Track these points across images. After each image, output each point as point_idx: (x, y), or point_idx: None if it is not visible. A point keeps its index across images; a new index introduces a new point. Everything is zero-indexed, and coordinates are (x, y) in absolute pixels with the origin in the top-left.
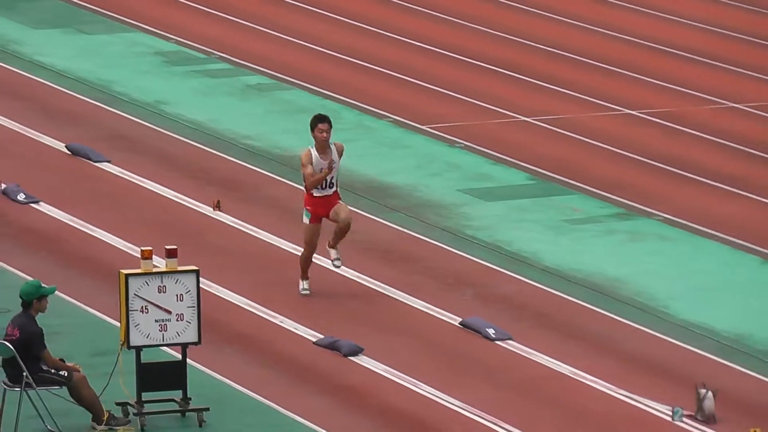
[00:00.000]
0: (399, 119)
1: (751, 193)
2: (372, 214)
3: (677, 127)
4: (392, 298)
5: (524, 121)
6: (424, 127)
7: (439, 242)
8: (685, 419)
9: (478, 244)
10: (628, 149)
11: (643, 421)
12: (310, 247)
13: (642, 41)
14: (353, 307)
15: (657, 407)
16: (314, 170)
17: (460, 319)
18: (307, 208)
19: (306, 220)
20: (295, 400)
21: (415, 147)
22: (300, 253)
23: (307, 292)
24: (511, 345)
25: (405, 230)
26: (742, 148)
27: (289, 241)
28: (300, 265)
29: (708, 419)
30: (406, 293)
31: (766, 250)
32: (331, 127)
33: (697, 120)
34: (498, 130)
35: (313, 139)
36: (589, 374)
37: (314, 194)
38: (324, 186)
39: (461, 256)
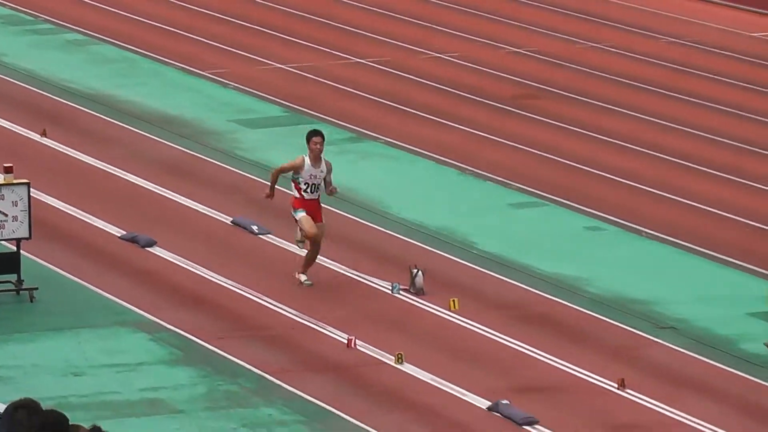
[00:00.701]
0: (185, 67)
1: (452, 122)
2: (163, 140)
3: (397, 72)
4: (179, 202)
5: (280, 68)
6: (204, 73)
7: (216, 160)
8: (402, 292)
9: (246, 162)
10: (358, 89)
11: (370, 294)
12: (313, 233)
13: (373, 8)
14: (148, 209)
15: (380, 283)
16: (305, 176)
17: (232, 218)
18: (297, 208)
19: (301, 214)
20: (103, 280)
21: (197, 88)
22: (305, 253)
23: (310, 283)
24: (271, 237)
25: (190, 151)
26: (447, 88)
27: (100, 160)
28: (305, 261)
29: (418, 292)
30: (190, 199)
31: (463, 165)
32: (324, 140)
33: (413, 67)
34: (260, 74)
35: (308, 150)
36: (329, 259)
37: (304, 197)
38: (312, 191)
39: (232, 170)
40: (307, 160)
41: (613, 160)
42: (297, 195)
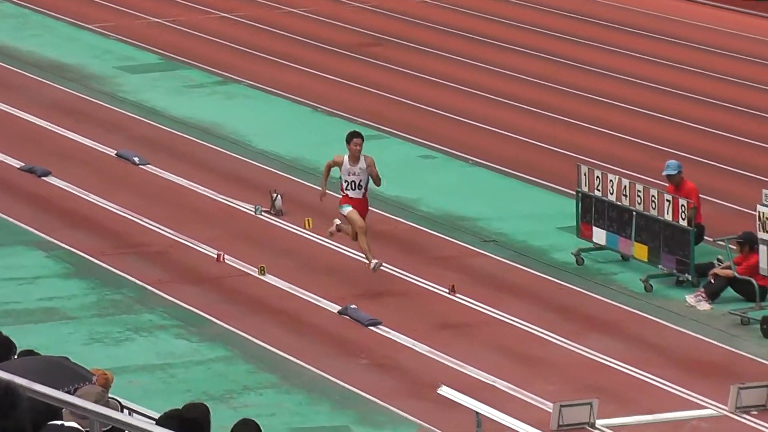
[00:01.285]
0: (72, 21)
1: (305, 67)
2: (56, 84)
3: (257, 24)
4: (70, 138)
5: (156, 21)
6: (90, 26)
7: (100, 101)
8: (263, 213)
9: (127, 102)
10: (224, 39)
11: (235, 215)
12: (360, 225)
13: None
14: (44, 144)
15: (244, 206)
16: (344, 173)
17: (116, 151)
18: (345, 204)
19: (347, 209)
20: (5, 205)
21: (84, 40)
22: (358, 239)
23: (377, 263)
24: (150, 168)
25: (78, 94)
26: (300, 38)
27: (27, 113)
28: (365, 249)
29: (278, 213)
30: (80, 135)
31: (314, 104)
32: (363, 140)
33: (270, 20)
34: (139, 28)
35: (348, 150)
36: (199, 184)
37: (349, 195)
38: (354, 188)
39: (115, 110)
40: (346, 159)
41: (443, 98)
42: (342, 194)
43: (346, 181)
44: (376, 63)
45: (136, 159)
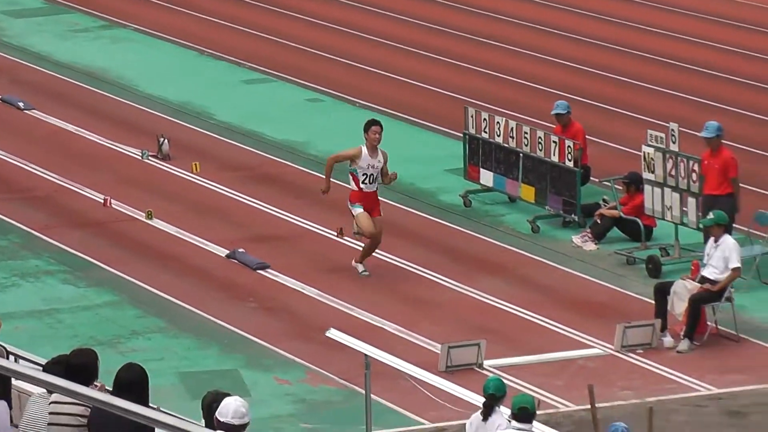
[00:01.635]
0: None
1: (191, 11)
2: None
3: None
4: None
5: None
6: None
7: None
8: (150, 158)
9: (11, 47)
10: None
11: (122, 160)
12: (371, 232)
13: None
14: None
15: (132, 150)
16: (363, 165)
17: (0, 96)
18: (355, 203)
19: (358, 210)
20: None
21: None
22: (364, 245)
23: (367, 273)
24: (35, 112)
25: None
26: None
27: None
28: (362, 252)
29: (165, 157)
30: None
31: (201, 48)
32: (382, 129)
33: None
34: None
35: (365, 140)
36: (85, 129)
37: (363, 189)
38: (371, 182)
39: (2, 56)
40: (365, 150)
41: (330, 41)
42: (355, 188)
43: (365, 174)
44: (262, 6)
45: (21, 104)
